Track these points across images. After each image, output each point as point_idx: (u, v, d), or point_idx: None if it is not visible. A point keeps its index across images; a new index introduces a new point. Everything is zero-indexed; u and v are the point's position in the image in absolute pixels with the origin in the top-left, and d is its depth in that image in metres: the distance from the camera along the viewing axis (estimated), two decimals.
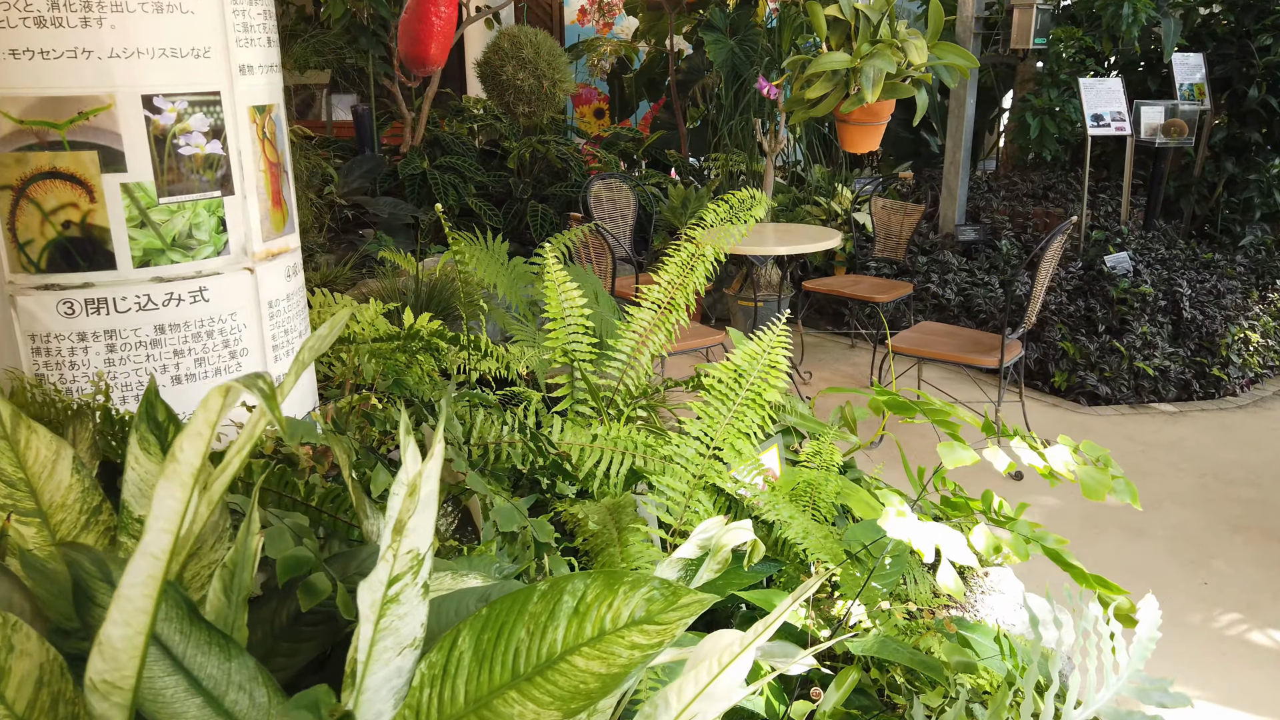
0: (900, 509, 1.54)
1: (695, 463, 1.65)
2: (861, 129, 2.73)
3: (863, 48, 2.50)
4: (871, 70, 2.39)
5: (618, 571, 0.98)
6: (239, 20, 1.52)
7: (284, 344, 1.69)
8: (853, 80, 2.43)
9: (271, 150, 1.63)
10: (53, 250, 1.42)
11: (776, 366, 1.74)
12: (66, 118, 1.38)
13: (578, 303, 2.30)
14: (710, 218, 2.47)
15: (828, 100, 2.56)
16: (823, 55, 2.51)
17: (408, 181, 5.98)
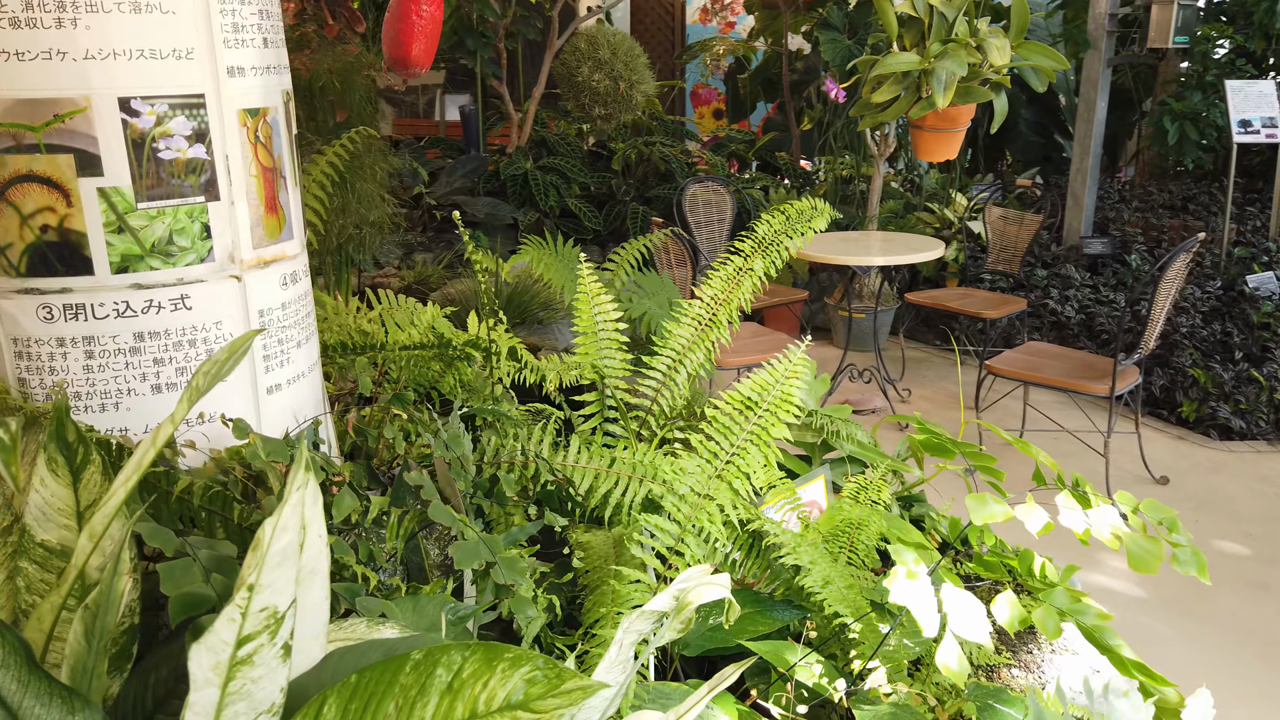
0: (912, 568, 1.36)
1: (688, 502, 1.51)
2: (935, 135, 2.50)
3: (933, 48, 2.27)
4: (944, 73, 2.16)
5: (498, 646, 0.86)
6: (228, 20, 1.47)
7: (278, 354, 1.64)
8: (924, 83, 2.22)
9: (266, 155, 1.58)
10: (32, 254, 1.41)
11: (789, 400, 1.58)
12: (42, 120, 1.36)
13: (611, 316, 2.19)
14: (763, 229, 2.31)
15: (896, 105, 2.36)
16: (889, 56, 2.30)
17: (509, 182, 5.99)
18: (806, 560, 1.72)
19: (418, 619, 1.25)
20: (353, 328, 2.31)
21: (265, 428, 1.63)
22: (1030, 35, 2.59)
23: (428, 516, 1.49)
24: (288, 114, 1.65)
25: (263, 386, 1.62)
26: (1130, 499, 1.48)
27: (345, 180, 3.44)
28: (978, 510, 1.42)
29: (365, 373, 1.71)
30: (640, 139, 6.74)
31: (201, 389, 1.00)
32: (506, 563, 1.39)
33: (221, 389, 1.56)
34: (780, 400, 1.58)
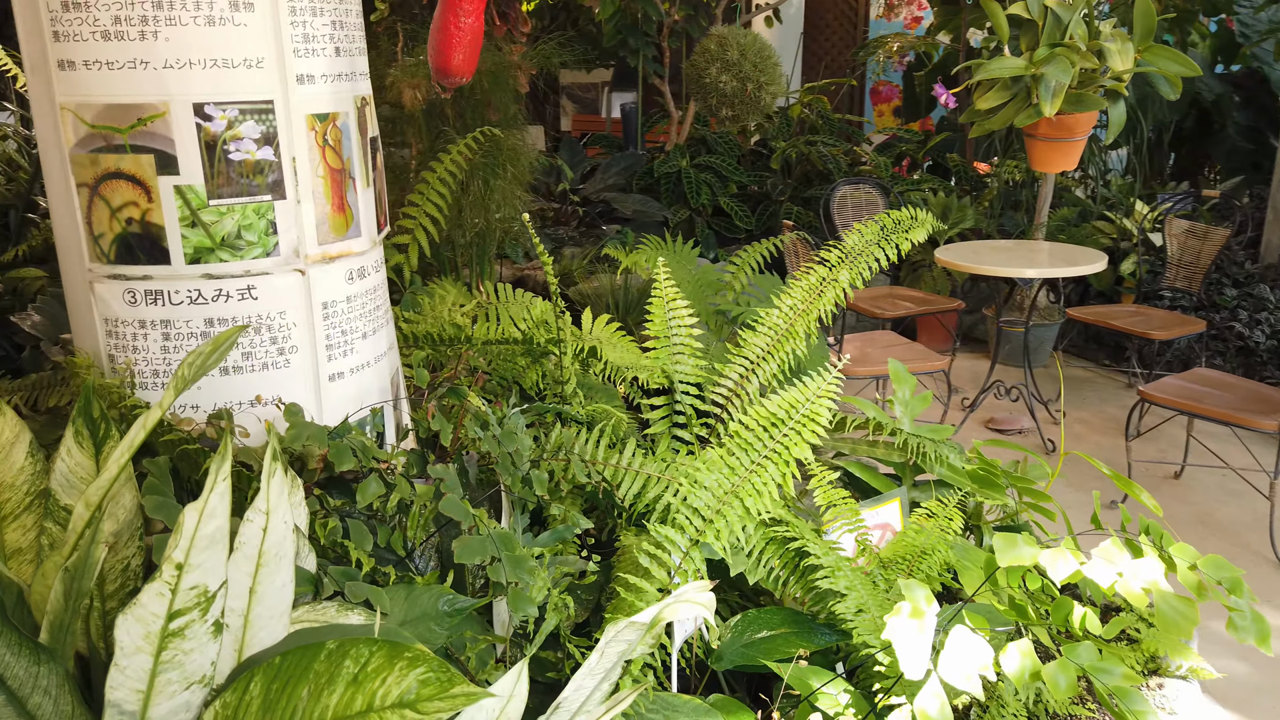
0: (920, 605, 1.29)
1: (695, 520, 1.49)
2: (1049, 145, 2.31)
3: (1039, 52, 2.10)
4: (1053, 79, 2.00)
5: (401, 645, 0.89)
6: (299, 31, 1.57)
7: (341, 344, 1.74)
8: (1033, 89, 2.05)
9: (334, 157, 1.67)
10: (119, 244, 1.56)
11: (815, 420, 1.52)
12: (128, 123, 1.50)
13: (686, 321, 2.18)
14: (852, 240, 2.24)
15: (1003, 112, 2.20)
16: (992, 60, 2.15)
17: (663, 180, 6.05)
18: (843, 585, 1.66)
19: (409, 608, 1.30)
20: (447, 320, 2.41)
21: (326, 414, 1.74)
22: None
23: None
24: (361, 118, 1.74)
25: (324, 374, 1.72)
26: (1191, 552, 1.34)
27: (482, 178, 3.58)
28: (1005, 552, 1.32)
29: (421, 366, 1.78)
30: (802, 138, 6.63)
31: (187, 379, 1.08)
32: (513, 561, 1.43)
33: (284, 376, 1.68)
34: (806, 419, 1.53)
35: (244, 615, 1.03)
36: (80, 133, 1.52)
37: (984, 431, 4.49)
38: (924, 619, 1.27)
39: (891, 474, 2.48)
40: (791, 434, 1.50)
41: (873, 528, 2.11)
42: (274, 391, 1.67)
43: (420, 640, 1.30)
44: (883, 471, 2.50)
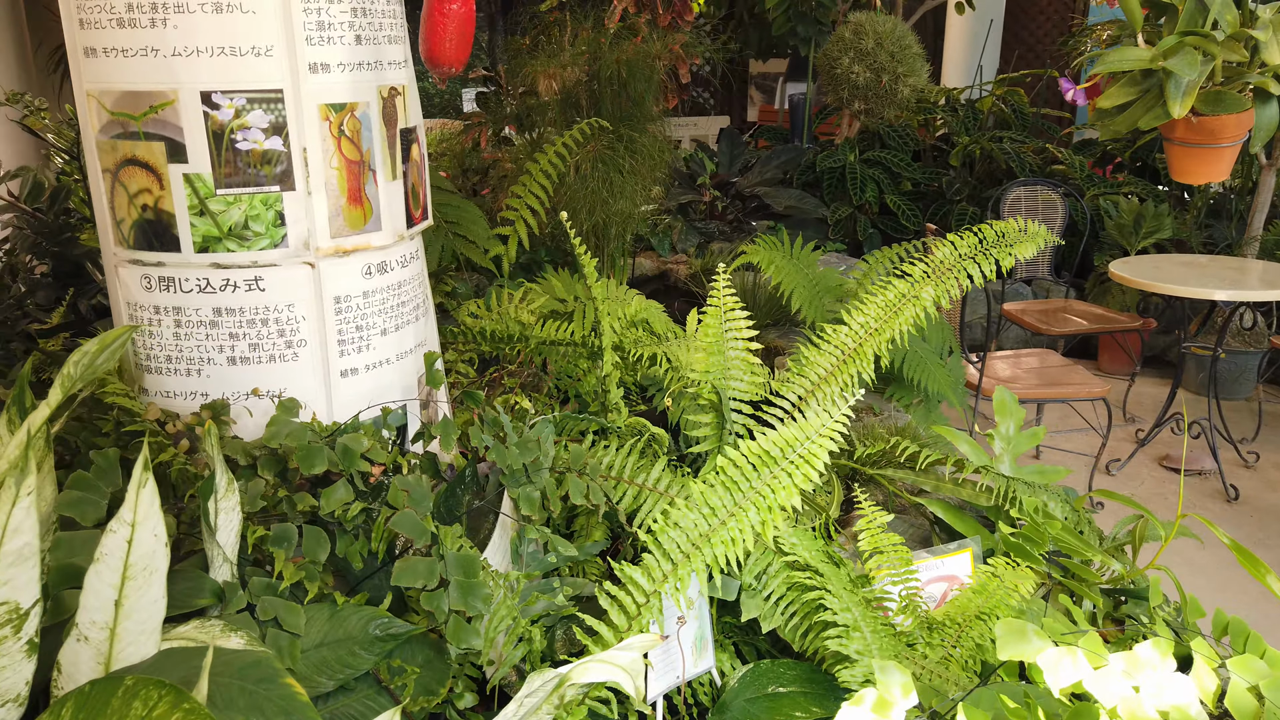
0: (890, 695, 1.08)
1: (663, 563, 1.33)
2: (1187, 152, 1.93)
3: (1166, 40, 1.74)
4: (1184, 75, 1.66)
5: (184, 693, 0.81)
6: (312, 19, 1.53)
7: (355, 340, 1.70)
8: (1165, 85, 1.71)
9: (352, 148, 1.63)
10: (136, 229, 1.58)
11: (811, 461, 1.32)
12: (141, 110, 1.51)
13: (744, 334, 2.00)
14: (943, 252, 2.00)
15: (1129, 112, 1.86)
16: (1113, 51, 1.81)
17: (826, 175, 5.78)
18: (854, 648, 1.46)
19: (332, 629, 1.23)
20: (512, 318, 2.34)
21: (337, 411, 1.70)
22: None
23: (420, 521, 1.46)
24: (389, 108, 1.69)
25: (335, 370, 1.69)
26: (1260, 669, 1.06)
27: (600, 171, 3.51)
28: (1007, 644, 1.10)
29: (432, 363, 1.71)
30: (987, 134, 6.16)
31: (73, 376, 1.05)
32: (464, 587, 1.33)
33: (292, 369, 1.65)
34: (801, 460, 1.34)
35: (109, 629, 0.99)
36: (102, 119, 1.54)
37: (1155, 470, 4.00)
38: (890, 712, 1.07)
39: (984, 518, 2.21)
40: (782, 475, 1.32)
41: (934, 580, 1.87)
42: (281, 384, 1.65)
43: (341, 665, 1.23)
44: (976, 515, 2.23)
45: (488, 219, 3.26)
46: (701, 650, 1.65)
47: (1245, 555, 1.74)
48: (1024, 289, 5.49)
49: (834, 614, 1.52)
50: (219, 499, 1.21)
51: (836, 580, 1.63)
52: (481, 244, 2.95)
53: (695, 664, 1.63)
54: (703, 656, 1.65)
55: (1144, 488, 3.85)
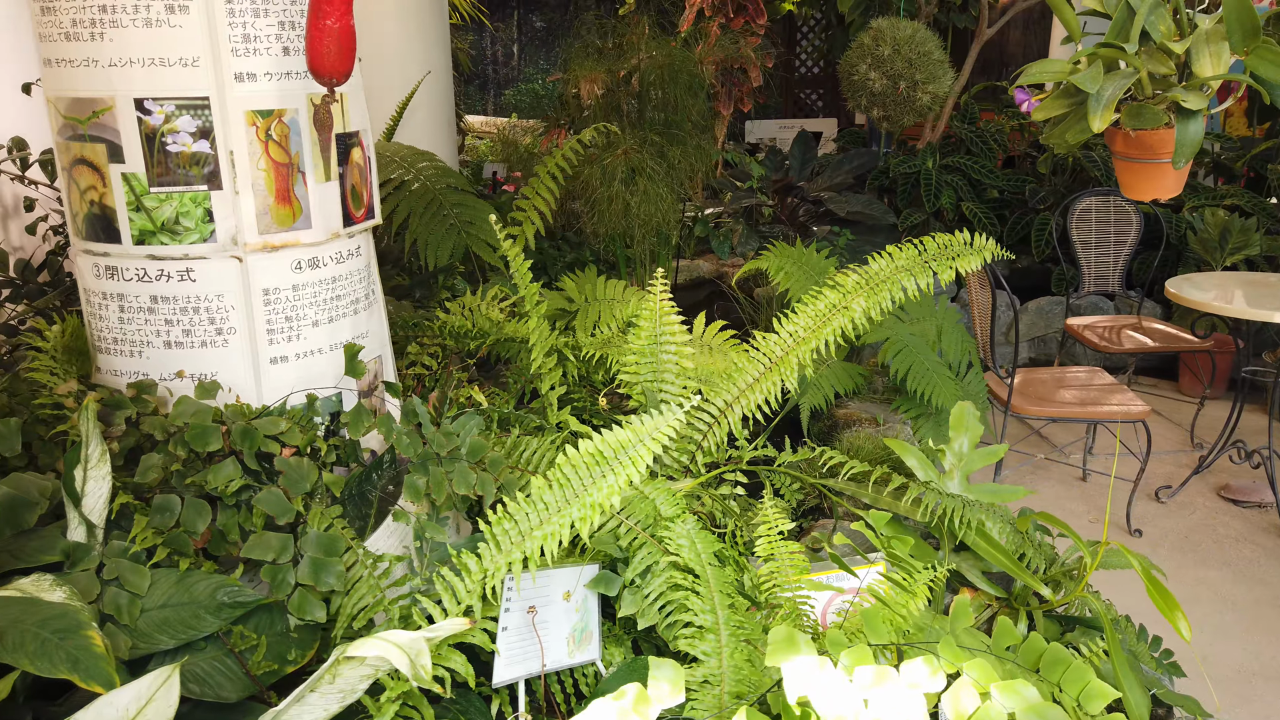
0: (658, 689, 1.11)
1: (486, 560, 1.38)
2: (1128, 167, 1.81)
3: (1081, 53, 1.64)
4: (1089, 89, 1.56)
5: None
6: (237, 32, 1.66)
7: (284, 330, 1.82)
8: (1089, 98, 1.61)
9: (280, 151, 1.75)
10: (87, 222, 1.74)
11: (635, 464, 1.35)
12: (86, 115, 1.67)
13: (678, 339, 2.03)
14: (879, 264, 1.98)
15: (1063, 125, 1.76)
16: (1036, 63, 1.72)
17: (900, 180, 5.66)
18: (702, 649, 1.48)
19: (178, 593, 1.34)
20: (482, 315, 2.43)
21: (267, 395, 1.83)
22: None
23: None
24: (319, 115, 1.81)
25: (265, 357, 1.82)
26: (1022, 699, 1.04)
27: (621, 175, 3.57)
28: (776, 652, 1.11)
29: (352, 355, 1.81)
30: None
31: None
32: (315, 564, 1.43)
33: (223, 355, 1.79)
34: (630, 461, 1.36)
35: None
36: (59, 122, 1.72)
37: (1210, 499, 3.77)
38: (648, 709, 1.10)
39: (929, 536, 2.16)
40: (608, 475, 1.35)
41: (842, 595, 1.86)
42: (214, 368, 1.79)
43: (184, 626, 1.34)
44: (923, 532, 2.19)
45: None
46: (584, 642, 1.70)
47: (1156, 586, 1.67)
48: (1105, 303, 5.24)
49: (694, 615, 1.55)
50: (89, 468, 1.35)
51: (715, 583, 1.65)
52: (493, 242, 3.06)
53: (573, 655, 1.68)
54: (584, 648, 1.70)
55: (1194, 518, 3.64)
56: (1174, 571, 3.26)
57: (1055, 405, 3.46)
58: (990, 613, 2.12)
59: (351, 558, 1.50)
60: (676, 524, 1.76)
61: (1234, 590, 3.16)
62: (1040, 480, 3.96)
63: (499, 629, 1.50)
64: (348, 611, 1.46)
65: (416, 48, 4.14)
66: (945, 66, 4.00)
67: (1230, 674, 2.75)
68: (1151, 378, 5.17)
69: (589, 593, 1.71)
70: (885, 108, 4.02)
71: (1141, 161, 1.73)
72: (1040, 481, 3.95)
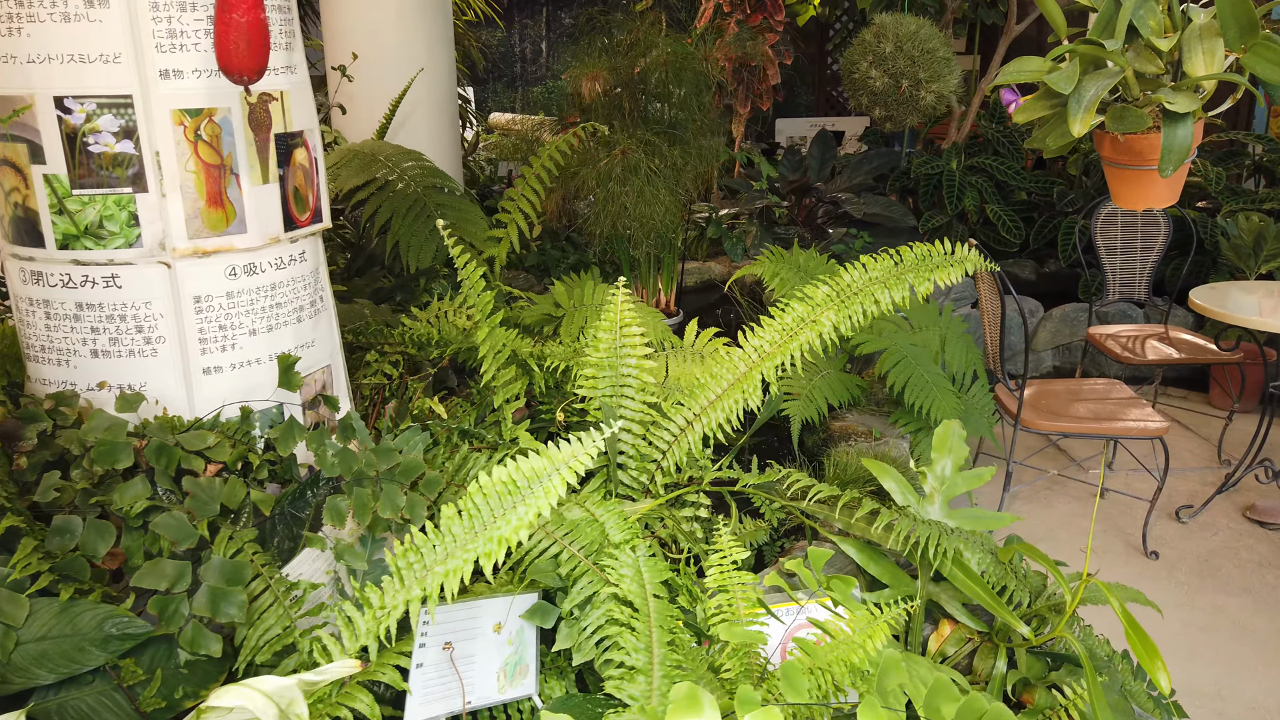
0: None
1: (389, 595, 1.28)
2: (1117, 174, 1.65)
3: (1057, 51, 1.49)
4: (1093, 87, 1.42)
5: None
6: (162, 27, 1.58)
7: (218, 339, 1.74)
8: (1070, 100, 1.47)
9: (210, 152, 1.67)
10: (12, 225, 1.67)
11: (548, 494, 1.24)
12: (7, 114, 1.60)
13: (638, 351, 1.92)
14: (851, 275, 1.85)
15: (1045, 129, 1.62)
16: (1015, 61, 1.57)
17: (922, 181, 5.49)
18: (629, 693, 1.38)
19: (60, 624, 1.26)
20: (449, 322, 2.34)
21: (199, 406, 1.75)
22: None
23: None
24: (255, 114, 1.72)
25: (197, 368, 1.74)
26: None
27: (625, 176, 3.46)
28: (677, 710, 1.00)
29: (286, 366, 1.73)
30: None
31: None
32: (215, 593, 1.34)
33: (151, 364, 1.71)
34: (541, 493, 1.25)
35: None
36: None
37: (1235, 520, 3.58)
38: None
39: (905, 564, 2.04)
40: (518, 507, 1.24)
41: (802, 627, 1.74)
42: (142, 379, 1.71)
43: (65, 660, 1.26)
44: (901, 560, 2.06)
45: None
46: (518, 676, 1.60)
47: (1135, 631, 1.53)
48: (1134, 311, 5.04)
49: (626, 653, 1.44)
50: None
51: (657, 617, 1.54)
52: (478, 245, 2.97)
53: (504, 691, 1.58)
54: (518, 683, 1.60)
55: (1216, 539, 3.45)
56: (1190, 597, 3.09)
57: (1068, 420, 3.30)
58: (971, 647, 1.99)
59: (261, 585, 1.42)
60: (623, 551, 1.65)
61: (1254, 620, 2.98)
62: (1055, 497, 3.79)
63: (413, 665, 1.40)
64: (252, 644, 1.37)
65: (417, 46, 4.07)
66: (951, 64, 3.84)
67: (1243, 711, 2.58)
68: (1181, 389, 4.96)
69: (526, 624, 1.61)
70: (887, 107, 3.87)
71: (1130, 168, 1.59)
72: (1055, 498, 3.78)
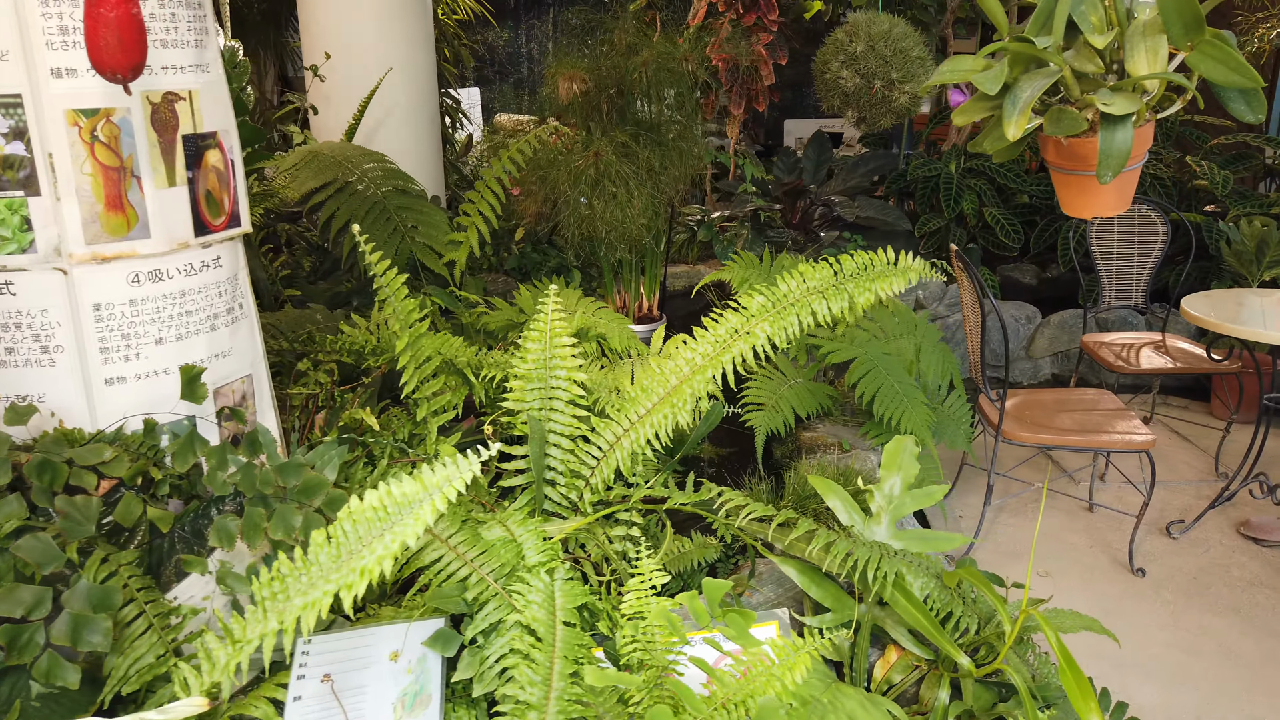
0: None
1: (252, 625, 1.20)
2: (1063, 179, 1.54)
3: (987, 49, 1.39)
4: (1028, 87, 1.32)
5: None
6: (52, 24, 1.51)
7: (121, 348, 1.67)
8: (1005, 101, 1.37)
9: (108, 154, 1.60)
10: None
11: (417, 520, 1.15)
12: None
13: (570, 362, 1.84)
14: (788, 285, 1.76)
15: (985, 131, 1.52)
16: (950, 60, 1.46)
17: (919, 184, 5.38)
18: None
19: None
20: (390, 331, 2.27)
21: (102, 418, 1.69)
22: None
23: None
24: (159, 114, 1.65)
25: (99, 378, 1.67)
26: None
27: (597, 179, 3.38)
28: None
29: (191, 378, 1.66)
30: None
31: None
32: (77, 620, 1.27)
33: (49, 375, 1.65)
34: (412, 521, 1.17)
35: None
36: None
37: (1229, 537, 3.45)
38: None
39: (849, 586, 1.94)
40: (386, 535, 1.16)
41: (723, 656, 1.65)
42: (40, 390, 1.65)
43: None
44: (846, 583, 1.97)
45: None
46: (418, 707, 1.52)
47: (1070, 667, 1.43)
48: (1135, 317, 4.91)
49: (520, 688, 1.36)
50: None
51: (562, 647, 1.45)
52: (439, 249, 2.90)
53: None
54: (418, 714, 1.52)
55: (1207, 556, 3.33)
56: (1175, 617, 2.97)
57: (1052, 432, 3.19)
58: (918, 675, 1.89)
59: (134, 610, 1.35)
60: (535, 575, 1.57)
61: (1241, 641, 2.86)
62: (1043, 510, 3.67)
63: (289, 698, 1.32)
64: (121, 674, 1.30)
65: (394, 47, 4.00)
66: (925, 64, 3.73)
67: None
68: (1183, 399, 4.82)
69: (429, 651, 1.53)
70: (860, 108, 3.76)
71: (1075, 174, 1.48)
72: (1043, 511, 3.66)
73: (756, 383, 2.83)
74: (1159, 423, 4.50)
